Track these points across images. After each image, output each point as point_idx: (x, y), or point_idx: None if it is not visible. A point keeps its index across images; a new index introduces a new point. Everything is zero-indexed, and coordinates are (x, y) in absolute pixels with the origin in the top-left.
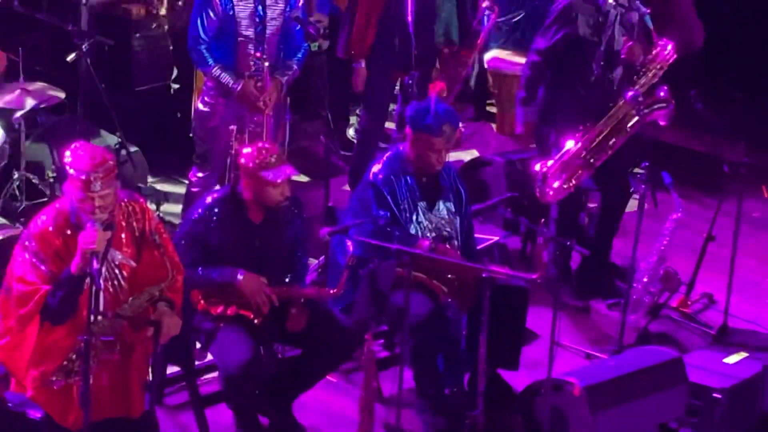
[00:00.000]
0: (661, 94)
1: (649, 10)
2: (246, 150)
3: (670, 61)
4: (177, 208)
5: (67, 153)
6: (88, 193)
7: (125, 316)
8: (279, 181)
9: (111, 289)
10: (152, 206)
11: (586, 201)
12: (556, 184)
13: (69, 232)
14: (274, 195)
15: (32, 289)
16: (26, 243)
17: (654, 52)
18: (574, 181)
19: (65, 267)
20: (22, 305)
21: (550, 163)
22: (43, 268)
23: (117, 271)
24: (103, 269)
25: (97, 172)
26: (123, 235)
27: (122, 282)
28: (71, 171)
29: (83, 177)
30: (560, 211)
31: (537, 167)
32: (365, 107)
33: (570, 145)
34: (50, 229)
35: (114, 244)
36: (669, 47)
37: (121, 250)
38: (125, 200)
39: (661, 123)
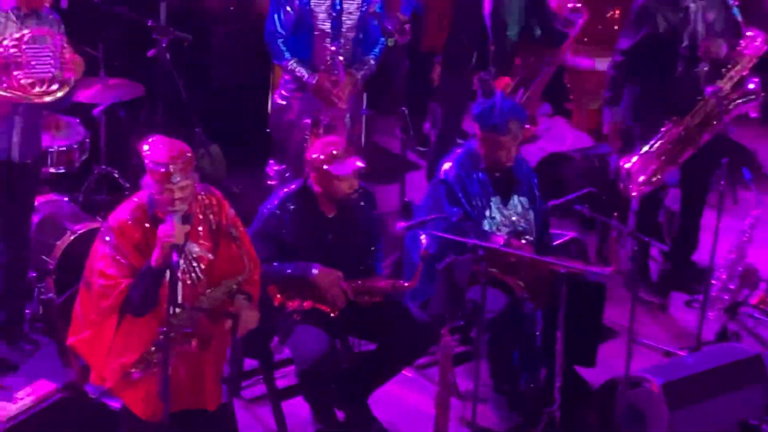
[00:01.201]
0: (751, 86)
1: (737, 2)
2: (311, 147)
3: (761, 53)
4: (254, 202)
5: (146, 146)
6: (167, 185)
7: (203, 308)
8: (345, 174)
9: (189, 282)
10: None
11: (664, 197)
12: (641, 179)
13: (148, 225)
14: (342, 188)
15: (113, 282)
16: (106, 237)
17: (742, 44)
18: (659, 177)
19: (145, 260)
20: (103, 299)
21: (634, 159)
22: (123, 261)
23: (194, 263)
24: (181, 262)
25: (176, 163)
26: (200, 228)
27: (200, 274)
28: (150, 163)
29: (162, 169)
30: (640, 207)
31: (622, 163)
32: (441, 103)
33: (655, 140)
34: (129, 222)
35: (191, 237)
36: (759, 39)
37: (199, 243)
38: (201, 193)
39: (752, 115)
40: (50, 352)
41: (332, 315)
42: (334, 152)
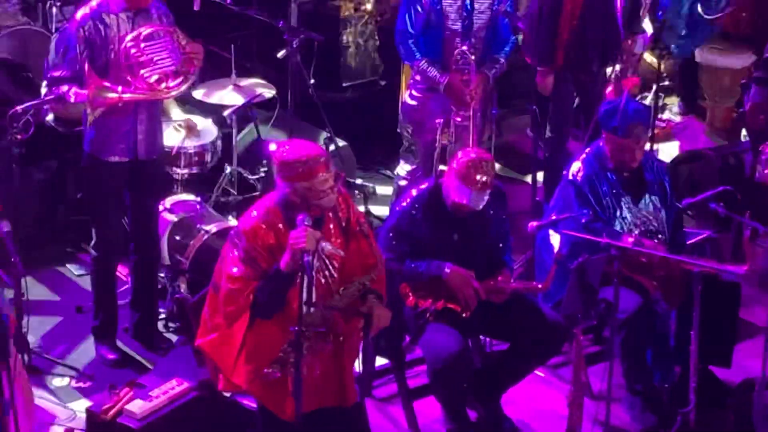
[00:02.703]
0: None
1: None
2: (464, 155)
3: None
4: (385, 201)
5: (281, 148)
6: (310, 183)
7: (336, 307)
8: (469, 204)
9: (323, 281)
10: (360, 200)
11: None
12: None
13: (281, 226)
14: (462, 208)
15: (241, 286)
16: (236, 241)
17: None
18: None
19: (275, 263)
20: (231, 303)
21: None
22: (253, 265)
23: (327, 262)
24: (315, 261)
25: (318, 162)
26: (331, 226)
27: (333, 272)
28: (289, 164)
29: (301, 169)
30: None
31: (762, 147)
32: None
33: None
34: (263, 225)
35: (324, 235)
36: None
37: (330, 241)
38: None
39: None
40: (184, 350)
41: (464, 316)
42: (476, 185)
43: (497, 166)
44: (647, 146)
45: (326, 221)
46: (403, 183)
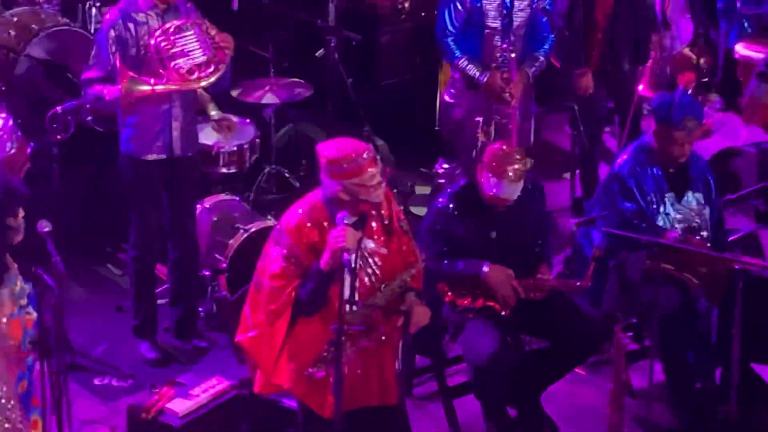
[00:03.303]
0: None
1: None
2: (493, 148)
3: None
4: (424, 201)
5: (328, 147)
6: (358, 180)
7: (377, 304)
8: (504, 195)
9: (365, 279)
10: (399, 199)
11: None
12: None
13: (326, 224)
14: (498, 201)
15: (283, 284)
16: (279, 238)
17: None
18: None
19: (316, 261)
20: (273, 301)
21: None
22: (296, 263)
23: (370, 259)
24: (358, 259)
25: (365, 156)
26: (374, 225)
27: (376, 270)
28: (334, 163)
29: (349, 166)
30: None
31: None
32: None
33: None
34: (307, 223)
35: (366, 233)
36: None
37: (373, 239)
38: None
39: None
40: (224, 349)
41: (503, 314)
42: (506, 174)
43: (534, 163)
44: None
45: (369, 219)
46: (442, 181)
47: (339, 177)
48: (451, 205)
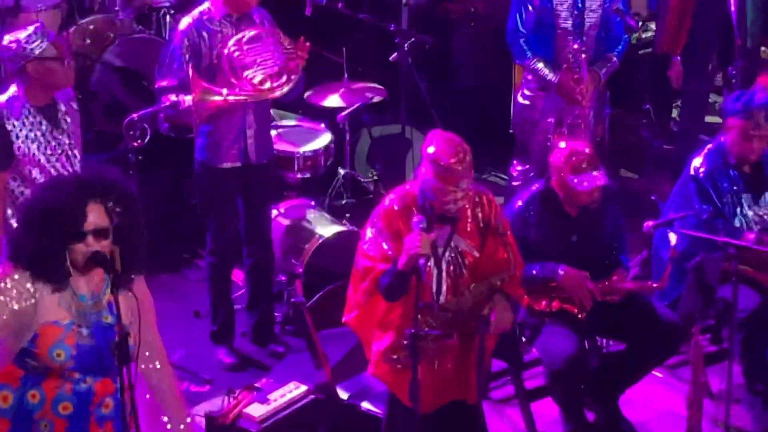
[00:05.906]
0: None
1: None
2: (561, 145)
3: None
4: (498, 202)
5: (433, 142)
6: (451, 188)
7: (465, 305)
8: (585, 189)
9: (452, 276)
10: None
11: None
12: None
13: (414, 210)
14: (581, 199)
15: (371, 265)
16: (374, 220)
17: None
18: None
19: (397, 251)
20: (362, 280)
21: None
22: (384, 245)
23: (459, 258)
24: (447, 254)
25: (463, 167)
26: (468, 227)
27: (463, 270)
28: (436, 162)
29: (448, 174)
30: None
31: None
32: (682, 101)
33: None
34: (395, 208)
35: (459, 232)
36: None
37: (466, 240)
38: (472, 191)
39: None
40: (302, 354)
41: (579, 317)
42: (579, 164)
43: (609, 165)
44: None
45: (464, 220)
46: (516, 183)
47: (436, 177)
48: (528, 209)
